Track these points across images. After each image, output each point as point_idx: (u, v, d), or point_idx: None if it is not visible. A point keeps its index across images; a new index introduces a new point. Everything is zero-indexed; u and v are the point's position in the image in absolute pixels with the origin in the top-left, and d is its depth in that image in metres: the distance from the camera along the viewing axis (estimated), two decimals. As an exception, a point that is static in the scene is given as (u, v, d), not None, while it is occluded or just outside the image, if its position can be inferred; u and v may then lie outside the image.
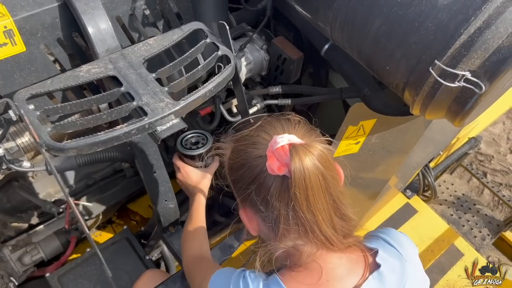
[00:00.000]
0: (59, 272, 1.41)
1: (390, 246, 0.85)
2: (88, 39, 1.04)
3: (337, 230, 0.78)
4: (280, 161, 0.73)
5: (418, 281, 0.84)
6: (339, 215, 0.79)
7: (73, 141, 0.87)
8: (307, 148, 0.73)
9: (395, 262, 0.82)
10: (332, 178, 0.77)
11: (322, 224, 0.76)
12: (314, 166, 0.72)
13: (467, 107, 0.90)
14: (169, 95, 0.98)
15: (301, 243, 0.79)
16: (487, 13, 0.80)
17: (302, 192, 0.72)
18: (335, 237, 0.78)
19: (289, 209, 0.74)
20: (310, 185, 0.72)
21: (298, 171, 0.71)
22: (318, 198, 0.74)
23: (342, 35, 1.06)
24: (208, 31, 1.13)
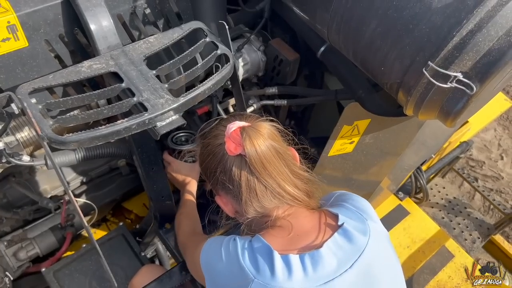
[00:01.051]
0: (55, 267, 1.42)
1: (350, 209, 0.96)
2: (90, 36, 1.06)
3: (299, 188, 0.94)
4: (235, 143, 0.89)
5: (381, 235, 0.95)
6: (296, 176, 0.94)
7: (74, 135, 0.89)
8: (254, 127, 0.91)
9: (357, 222, 0.92)
10: (281, 147, 0.93)
11: (285, 185, 0.91)
12: (263, 140, 0.89)
13: (458, 108, 0.93)
14: (168, 92, 1.00)
15: (268, 206, 0.92)
16: (478, 16, 0.83)
17: (258, 163, 0.88)
18: (299, 194, 0.93)
19: (253, 179, 0.89)
20: (263, 155, 0.88)
21: (249, 147, 0.87)
22: (273, 164, 0.89)
23: (339, 36, 1.09)
24: (208, 30, 1.15)
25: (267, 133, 0.91)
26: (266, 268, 0.85)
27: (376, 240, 0.91)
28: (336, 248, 0.87)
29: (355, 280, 0.86)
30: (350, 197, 1.01)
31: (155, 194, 1.34)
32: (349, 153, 1.29)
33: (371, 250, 0.88)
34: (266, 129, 0.92)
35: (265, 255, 0.87)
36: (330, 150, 1.23)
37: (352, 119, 1.13)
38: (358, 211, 0.95)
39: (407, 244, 2.13)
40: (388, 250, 0.95)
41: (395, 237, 2.16)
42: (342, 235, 0.89)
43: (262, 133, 0.90)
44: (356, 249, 0.88)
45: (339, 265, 0.86)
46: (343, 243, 0.88)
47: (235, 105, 1.73)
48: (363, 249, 0.88)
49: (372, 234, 0.91)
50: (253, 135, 0.89)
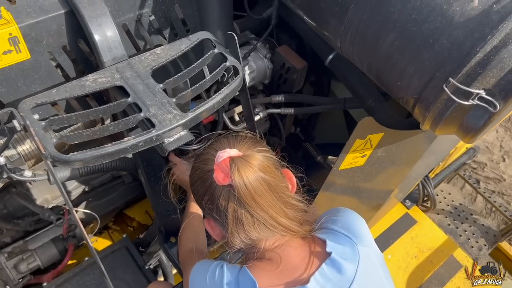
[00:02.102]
0: (57, 281, 1.38)
1: (339, 233, 0.92)
2: (95, 47, 1.02)
3: (292, 219, 0.89)
4: (224, 173, 0.84)
5: (372, 260, 0.90)
6: (290, 207, 0.90)
7: (79, 154, 0.85)
8: (245, 158, 0.86)
9: (345, 248, 0.88)
10: (273, 179, 0.88)
11: (277, 217, 0.87)
12: (253, 172, 0.84)
13: (479, 125, 0.89)
14: (176, 107, 0.96)
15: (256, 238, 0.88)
16: (504, 31, 0.79)
17: (247, 196, 0.84)
18: (293, 225, 0.89)
19: (241, 211, 0.85)
20: (252, 188, 0.84)
21: (237, 179, 0.83)
22: (264, 197, 0.85)
23: (353, 48, 1.05)
24: (216, 41, 1.11)
25: (258, 165, 0.86)
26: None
27: (365, 266, 0.87)
28: (325, 281, 0.84)
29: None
30: (341, 217, 0.96)
31: (160, 208, 1.30)
32: (360, 166, 1.25)
33: (360, 278, 0.85)
34: (257, 160, 0.87)
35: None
36: (341, 164, 1.19)
37: (366, 133, 1.10)
38: (347, 234, 0.91)
39: (414, 254, 2.09)
40: (379, 274, 0.91)
41: (402, 247, 2.12)
42: (330, 265, 0.85)
43: (253, 164, 0.85)
44: (345, 280, 0.85)
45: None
46: (332, 275, 0.85)
47: (242, 113, 1.70)
48: (353, 278, 0.85)
49: (361, 260, 0.87)
50: (242, 167, 0.84)
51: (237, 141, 0.92)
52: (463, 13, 0.83)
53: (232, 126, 1.60)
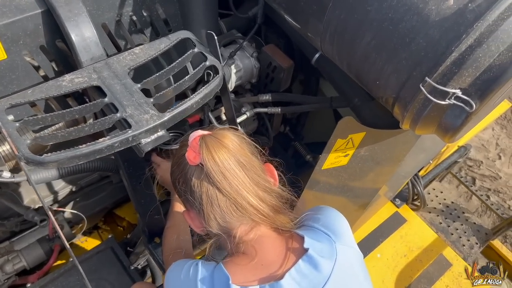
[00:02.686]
0: (41, 282, 1.37)
1: (319, 231, 0.91)
2: (72, 47, 1.01)
3: (266, 202, 0.87)
4: (195, 152, 0.84)
5: (350, 259, 0.89)
6: (263, 189, 0.87)
7: (53, 155, 0.84)
8: (214, 135, 0.86)
9: (323, 245, 0.87)
10: (245, 157, 0.86)
11: (247, 196, 0.84)
12: (222, 149, 0.83)
13: (457, 124, 0.89)
14: (154, 107, 0.95)
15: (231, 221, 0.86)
16: (478, 31, 0.78)
17: (217, 172, 0.82)
18: (264, 208, 0.86)
19: (213, 190, 0.84)
20: (222, 165, 0.82)
21: (206, 156, 0.82)
22: (234, 174, 0.83)
23: (332, 47, 1.04)
24: (196, 40, 1.10)
25: (229, 143, 0.85)
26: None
27: (343, 265, 0.86)
28: (300, 277, 0.83)
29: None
30: (322, 215, 0.95)
31: (142, 209, 1.30)
32: (343, 165, 1.25)
33: (337, 276, 0.84)
34: (228, 138, 0.86)
35: (224, 285, 0.83)
36: (324, 164, 1.19)
37: (347, 133, 1.09)
38: (327, 232, 0.90)
39: (404, 253, 2.09)
40: (356, 274, 0.90)
41: (391, 245, 2.12)
42: (306, 261, 0.84)
43: (223, 142, 0.85)
44: (321, 277, 0.83)
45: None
46: (308, 271, 0.84)
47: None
48: (329, 276, 0.84)
49: (338, 258, 0.86)
50: (211, 144, 0.84)
51: (215, 127, 0.92)
52: (438, 12, 0.83)
53: (218, 125, 1.60)
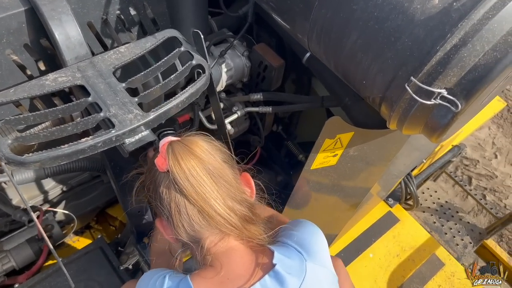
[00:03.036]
0: (29, 283, 1.37)
1: (291, 247, 0.89)
2: (56, 46, 1.00)
3: (235, 212, 0.85)
4: (163, 158, 0.83)
5: (319, 279, 0.87)
6: (233, 198, 0.85)
7: (34, 155, 0.83)
8: (183, 142, 0.85)
9: (293, 262, 0.85)
10: (215, 165, 0.84)
11: (215, 205, 0.82)
12: (190, 156, 0.82)
13: (443, 125, 0.88)
14: (138, 106, 0.94)
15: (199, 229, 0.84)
16: (463, 30, 0.78)
17: (183, 179, 0.81)
18: (233, 218, 0.84)
19: (181, 198, 0.82)
20: (189, 172, 0.81)
21: (172, 163, 0.81)
22: (201, 182, 0.81)
23: (319, 46, 1.03)
24: (183, 39, 1.09)
25: (197, 149, 0.84)
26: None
27: (311, 284, 0.84)
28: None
29: None
30: (297, 231, 0.93)
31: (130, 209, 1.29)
32: (333, 165, 1.24)
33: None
34: (197, 145, 0.85)
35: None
36: (312, 164, 1.18)
37: (334, 133, 1.08)
38: (300, 249, 0.88)
39: (396, 253, 2.09)
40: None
41: (384, 245, 2.12)
42: (273, 277, 0.82)
43: (191, 148, 0.84)
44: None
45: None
46: (273, 287, 0.81)
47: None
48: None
49: (307, 277, 0.84)
50: (178, 151, 0.83)
51: (188, 133, 0.91)
52: (423, 11, 0.82)
53: (208, 124, 1.59)
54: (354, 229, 2.12)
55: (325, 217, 1.69)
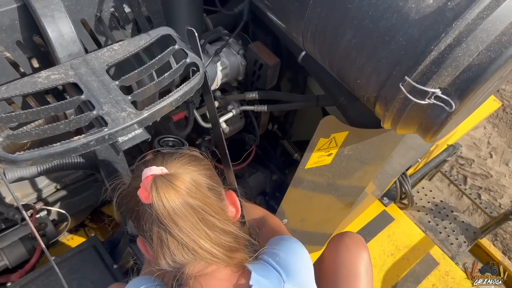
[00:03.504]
0: (21, 281, 1.35)
1: (271, 267, 0.88)
2: (49, 43, 0.99)
3: (220, 245, 0.84)
4: (147, 191, 0.81)
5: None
6: (217, 231, 0.84)
7: (26, 153, 0.83)
8: (167, 178, 0.81)
9: (271, 284, 0.84)
10: (201, 201, 0.83)
11: (200, 241, 0.82)
12: (174, 193, 0.80)
13: (437, 124, 0.88)
14: (131, 104, 0.93)
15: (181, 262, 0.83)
16: (457, 30, 0.78)
17: (166, 217, 0.79)
18: (218, 252, 0.84)
19: (164, 233, 0.81)
20: (171, 209, 0.79)
21: (156, 199, 0.79)
22: (185, 219, 0.80)
23: (314, 45, 1.03)
24: (177, 37, 1.09)
25: (181, 185, 0.82)
26: None
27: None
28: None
29: None
30: (279, 250, 0.92)
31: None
32: (327, 164, 1.24)
33: None
34: (181, 180, 0.82)
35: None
36: (307, 163, 1.18)
37: (329, 132, 1.08)
38: (279, 270, 0.87)
39: (391, 252, 2.09)
40: None
41: (379, 244, 2.12)
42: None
43: (175, 185, 0.81)
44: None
45: None
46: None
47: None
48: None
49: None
50: (161, 187, 0.80)
51: (172, 159, 0.89)
52: (418, 11, 0.82)
53: (203, 123, 1.58)
54: (349, 228, 2.12)
55: (320, 216, 1.69)
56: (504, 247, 3.28)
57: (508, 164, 3.93)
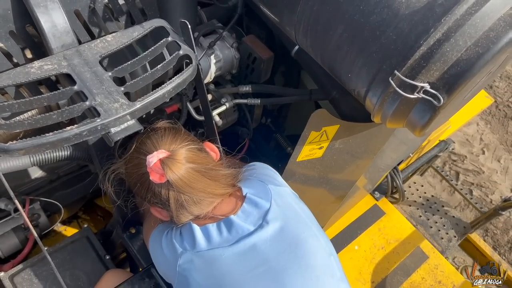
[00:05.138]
0: (13, 271, 1.36)
1: (254, 179, 1.12)
2: (42, 34, 0.99)
3: (226, 186, 1.07)
4: (159, 174, 0.98)
5: (283, 195, 1.09)
6: (222, 179, 1.07)
7: (18, 142, 0.83)
8: (172, 157, 1.00)
9: (258, 188, 1.08)
10: (202, 164, 1.04)
11: (214, 191, 1.04)
12: (182, 166, 0.99)
13: (426, 119, 0.89)
14: (124, 96, 0.94)
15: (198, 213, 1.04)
16: (446, 25, 0.79)
17: (184, 186, 0.99)
18: (228, 189, 1.07)
19: (183, 197, 1.00)
20: (187, 179, 0.99)
21: (172, 175, 0.97)
22: (199, 182, 1.01)
23: (306, 39, 1.04)
24: (171, 29, 1.09)
25: (184, 158, 1.00)
26: (190, 241, 1.02)
27: (279, 200, 1.05)
28: (246, 215, 1.03)
29: (266, 236, 1.00)
30: (255, 169, 1.18)
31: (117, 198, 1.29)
32: (318, 158, 1.25)
33: (275, 209, 1.03)
34: (182, 155, 1.01)
35: (188, 231, 1.03)
36: (298, 156, 1.19)
37: (320, 126, 1.09)
38: (260, 179, 1.10)
39: (381, 245, 2.11)
40: (292, 206, 1.08)
41: (369, 238, 2.14)
42: (249, 203, 1.04)
43: (180, 159, 1.00)
44: (262, 212, 1.02)
45: (250, 226, 1.01)
46: (251, 209, 1.03)
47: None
48: (268, 209, 1.02)
49: (273, 196, 1.05)
50: (173, 165, 0.98)
51: (160, 139, 1.05)
52: (408, 5, 0.83)
53: (197, 116, 1.59)
54: (340, 222, 2.14)
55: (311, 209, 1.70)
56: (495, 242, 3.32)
57: (500, 160, 3.96)
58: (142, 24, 1.08)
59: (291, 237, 1.01)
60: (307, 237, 1.03)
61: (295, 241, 1.01)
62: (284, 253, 0.99)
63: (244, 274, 0.97)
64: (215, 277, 0.98)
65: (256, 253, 0.98)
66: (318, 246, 1.03)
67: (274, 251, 0.99)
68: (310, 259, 1.00)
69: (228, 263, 0.98)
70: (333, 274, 1.01)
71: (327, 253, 1.04)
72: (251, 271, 0.97)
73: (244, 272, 0.97)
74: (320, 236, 1.06)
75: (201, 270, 0.99)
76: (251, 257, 0.98)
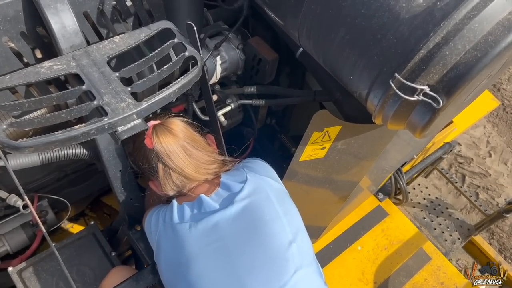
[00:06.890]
0: (21, 266, 1.39)
1: (240, 168, 1.20)
2: (52, 35, 1.02)
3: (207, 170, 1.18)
4: (150, 138, 1.11)
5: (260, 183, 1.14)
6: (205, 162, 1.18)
7: (28, 140, 0.86)
8: (165, 124, 1.13)
9: (236, 175, 1.17)
10: (191, 136, 1.17)
11: (190, 171, 1.15)
12: (170, 136, 1.12)
13: (425, 121, 0.91)
14: (131, 95, 0.97)
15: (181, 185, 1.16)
16: (445, 29, 0.80)
17: (165, 155, 1.12)
18: (203, 176, 1.17)
19: (166, 167, 1.13)
20: (168, 149, 1.11)
21: (157, 142, 1.11)
22: (180, 155, 1.13)
23: (309, 42, 1.06)
24: (177, 30, 1.12)
25: (175, 128, 1.13)
26: (169, 214, 1.13)
27: (253, 185, 1.12)
28: (218, 197, 1.12)
29: (230, 214, 1.08)
30: (248, 162, 1.24)
31: (123, 197, 1.32)
32: (321, 158, 1.27)
33: (247, 191, 1.10)
34: (176, 125, 1.13)
35: (170, 208, 1.14)
36: (301, 156, 1.21)
37: (322, 126, 1.11)
38: (245, 168, 1.18)
39: (384, 246, 2.12)
40: (266, 190, 1.13)
41: (373, 239, 2.15)
42: (223, 187, 1.14)
43: (171, 129, 1.13)
44: (233, 194, 1.11)
45: (219, 205, 1.10)
46: (223, 192, 1.12)
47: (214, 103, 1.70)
48: (239, 191, 1.10)
49: (249, 181, 1.12)
50: (161, 133, 1.11)
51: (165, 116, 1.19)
52: (408, 10, 0.84)
53: (202, 116, 1.61)
54: (344, 222, 2.15)
55: (315, 209, 1.72)
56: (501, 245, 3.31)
57: (506, 163, 3.95)
58: (149, 25, 1.11)
59: (253, 218, 1.08)
60: (269, 220, 1.09)
61: (257, 222, 1.08)
62: (243, 232, 1.07)
63: (200, 248, 1.06)
64: (177, 248, 1.09)
65: (216, 230, 1.07)
66: (280, 230, 1.09)
67: (234, 229, 1.07)
68: (266, 241, 1.07)
69: (190, 236, 1.08)
70: (288, 259, 1.06)
71: (288, 240, 1.08)
72: (207, 246, 1.06)
73: (200, 246, 1.07)
74: (287, 225, 1.10)
75: (169, 240, 1.11)
76: (211, 233, 1.07)
